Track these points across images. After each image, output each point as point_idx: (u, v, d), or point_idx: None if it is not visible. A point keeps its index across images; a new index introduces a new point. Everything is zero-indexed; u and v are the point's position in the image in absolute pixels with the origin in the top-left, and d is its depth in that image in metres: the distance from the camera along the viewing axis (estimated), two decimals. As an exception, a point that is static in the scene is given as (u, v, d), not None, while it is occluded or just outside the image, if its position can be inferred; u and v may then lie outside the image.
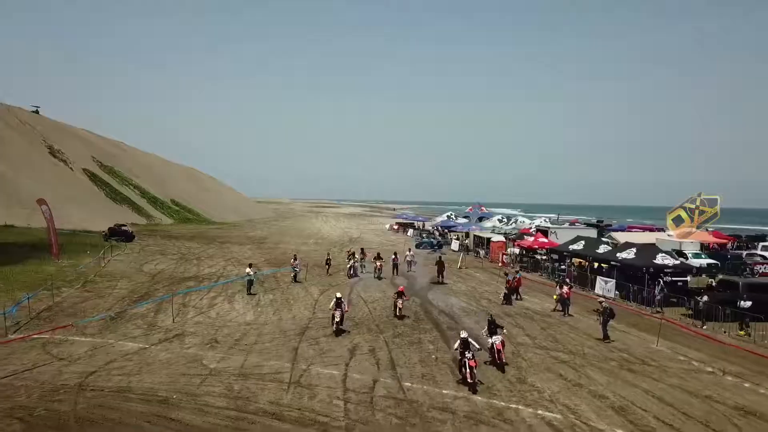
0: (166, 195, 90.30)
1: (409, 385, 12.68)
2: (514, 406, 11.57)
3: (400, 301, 19.59)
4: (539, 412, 11.25)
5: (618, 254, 25.54)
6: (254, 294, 23.71)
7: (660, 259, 23.74)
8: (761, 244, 37.69)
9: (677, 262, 24.16)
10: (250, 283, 23.90)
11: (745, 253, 36.33)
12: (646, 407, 11.64)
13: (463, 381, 12.61)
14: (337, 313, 17.20)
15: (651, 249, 25.04)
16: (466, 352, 12.56)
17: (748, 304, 18.87)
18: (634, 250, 25.02)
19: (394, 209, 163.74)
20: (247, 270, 24.24)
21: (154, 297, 23.01)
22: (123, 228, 49.37)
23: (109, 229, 48.64)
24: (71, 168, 76.94)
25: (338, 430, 10.18)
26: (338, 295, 17.76)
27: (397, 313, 19.54)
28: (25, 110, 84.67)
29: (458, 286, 27.51)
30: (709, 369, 14.62)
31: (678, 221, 26.77)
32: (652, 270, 23.25)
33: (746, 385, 13.38)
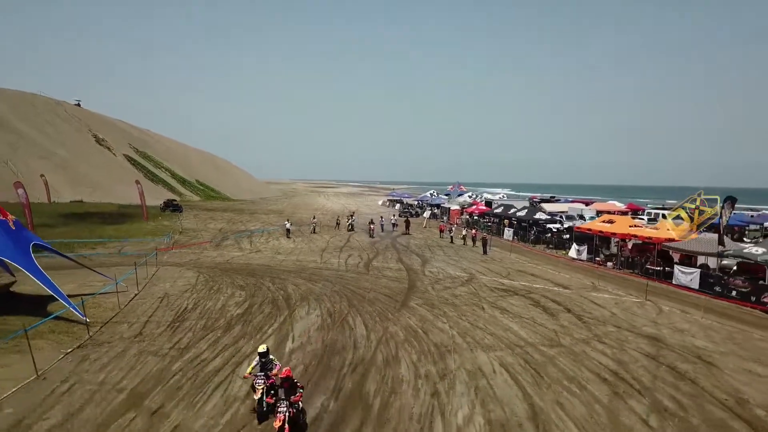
0: (191, 176, 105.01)
1: (376, 263, 27.83)
2: (420, 268, 26.70)
3: (279, 419, 8.69)
4: (428, 270, 26.39)
5: (517, 213, 40.64)
6: (290, 237, 38.77)
7: (538, 215, 38.83)
8: (646, 210, 53.00)
9: (548, 217, 39.15)
10: (288, 231, 39.02)
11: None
12: (475, 268, 26.84)
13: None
14: (260, 384, 9.67)
15: (534, 209, 40.22)
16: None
17: (567, 236, 33.99)
18: (526, 210, 40.16)
19: (393, 189, 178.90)
20: (286, 223, 39.38)
21: (229, 236, 38.19)
22: (174, 202, 64.30)
23: (164, 202, 63.57)
24: (114, 154, 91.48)
25: (342, 271, 25.25)
26: (262, 348, 10.07)
27: None
28: (69, 104, 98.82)
29: (418, 236, 42.65)
30: (523, 261, 29.88)
31: (678, 221, 26.12)
32: (531, 221, 38.40)
33: (532, 265, 28.59)
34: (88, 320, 15.05)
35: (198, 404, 10.24)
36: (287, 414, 8.76)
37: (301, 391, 9.34)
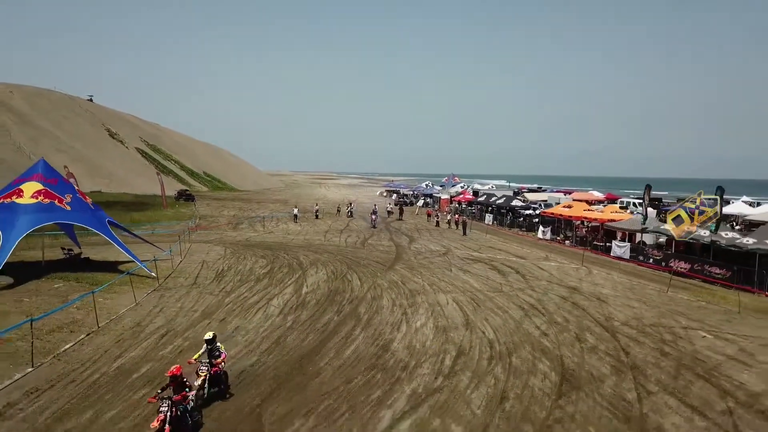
0: (198, 167, 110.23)
1: (371, 241, 33.24)
2: (407, 245, 32.10)
3: (157, 419, 8.07)
4: (413, 246, 31.80)
5: (497, 201, 46.03)
6: (297, 222, 44.20)
7: (515, 203, 44.21)
8: (620, 198, 58.42)
9: (524, 203, 44.50)
10: (296, 216, 44.46)
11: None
12: (453, 245, 32.27)
13: None
14: (203, 371, 9.68)
15: (510, 197, 45.62)
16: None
17: (537, 220, 39.41)
18: (504, 198, 45.56)
19: (392, 180, 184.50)
20: (294, 209, 44.84)
21: (243, 221, 43.62)
22: (187, 192, 69.70)
23: (177, 192, 68.94)
24: (127, 147, 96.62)
25: (343, 246, 30.66)
26: (208, 336, 9.96)
27: None
28: (82, 99, 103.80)
29: (409, 221, 48.09)
30: (495, 240, 35.32)
31: (678, 221, 25.82)
32: (508, 208, 43.81)
33: (501, 243, 34.02)
34: (155, 274, 20.47)
35: (248, 317, 15.67)
36: (168, 414, 8.03)
37: (187, 390, 8.59)
